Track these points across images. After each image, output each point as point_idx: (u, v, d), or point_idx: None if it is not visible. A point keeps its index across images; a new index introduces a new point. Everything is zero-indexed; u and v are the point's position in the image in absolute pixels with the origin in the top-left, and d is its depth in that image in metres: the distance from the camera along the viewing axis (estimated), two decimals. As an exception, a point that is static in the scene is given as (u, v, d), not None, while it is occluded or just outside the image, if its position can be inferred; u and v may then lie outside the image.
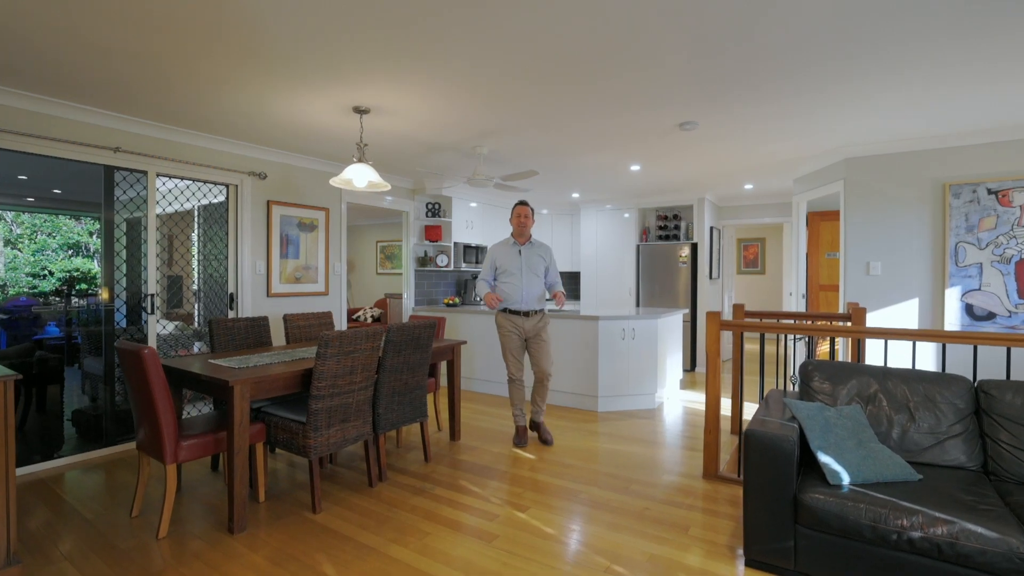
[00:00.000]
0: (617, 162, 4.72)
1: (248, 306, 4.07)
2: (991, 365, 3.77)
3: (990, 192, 3.89)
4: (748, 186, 5.93)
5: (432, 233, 5.81)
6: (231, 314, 3.99)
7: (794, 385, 3.67)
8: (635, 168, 4.98)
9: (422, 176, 5.42)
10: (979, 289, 3.94)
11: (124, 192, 3.37)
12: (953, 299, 4.02)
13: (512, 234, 3.72)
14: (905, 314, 4.19)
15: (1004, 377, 3.42)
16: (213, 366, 2.60)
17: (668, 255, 6.49)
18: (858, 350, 3.26)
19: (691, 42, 2.37)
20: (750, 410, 4.43)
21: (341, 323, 4.89)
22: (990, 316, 3.92)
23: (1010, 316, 3.85)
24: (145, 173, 3.44)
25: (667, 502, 2.74)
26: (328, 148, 4.20)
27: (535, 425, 3.73)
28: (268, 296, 4.25)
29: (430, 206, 5.82)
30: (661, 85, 2.88)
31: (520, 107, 3.24)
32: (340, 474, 3.11)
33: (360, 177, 3.18)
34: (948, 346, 4.00)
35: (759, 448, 2.13)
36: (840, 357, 4.49)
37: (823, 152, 4.42)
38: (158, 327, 3.61)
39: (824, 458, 2.15)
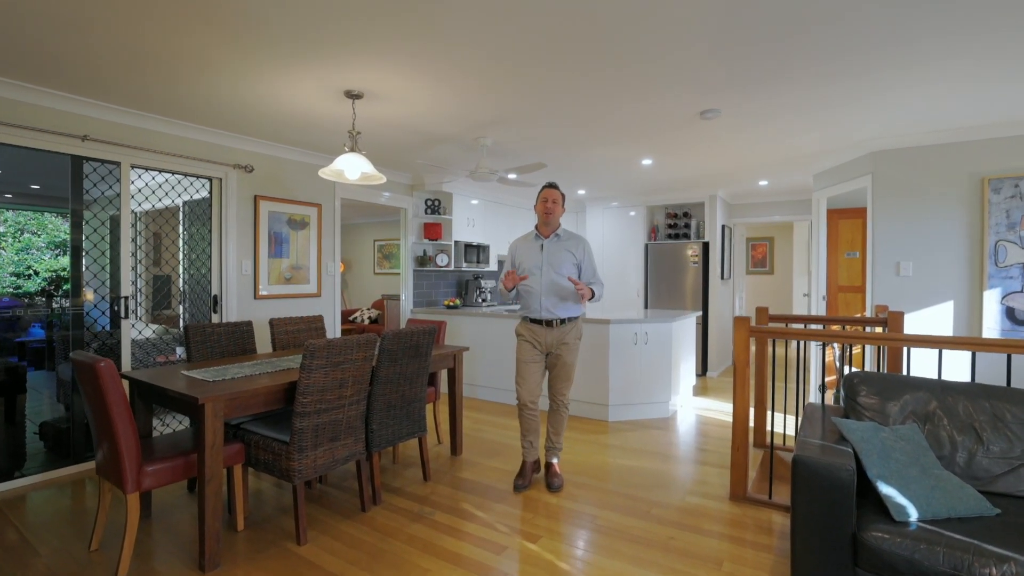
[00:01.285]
0: (630, 156, 4.43)
1: (233, 309, 3.77)
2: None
3: (1034, 187, 3.60)
4: (763, 182, 5.64)
5: (432, 231, 5.51)
6: (215, 318, 3.70)
7: (822, 394, 3.39)
8: (647, 162, 4.69)
9: (421, 171, 5.13)
10: (1021, 291, 3.66)
11: (95, 185, 3.07)
12: (992, 302, 3.74)
13: (536, 225, 3.06)
14: (939, 318, 3.90)
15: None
16: (185, 379, 2.31)
17: (678, 255, 6.20)
18: (907, 360, 2.97)
19: (720, 19, 2.09)
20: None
21: (334, 327, 4.60)
22: (1032, 320, 3.64)
23: (1055, 321, 3.57)
24: (118, 164, 3.14)
25: (694, 529, 2.46)
26: (319, 139, 3.90)
27: (545, 464, 3.05)
28: (255, 298, 3.95)
29: (429, 203, 5.53)
30: (685, 68, 2.59)
31: (528, 94, 2.96)
32: (330, 496, 2.82)
33: (352, 168, 2.89)
34: (984, 353, 3.72)
35: (810, 477, 1.85)
36: (867, 366, 4.21)
37: (849, 145, 4.13)
38: (133, 332, 3.32)
39: (886, 489, 1.86)
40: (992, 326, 3.75)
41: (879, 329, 3.53)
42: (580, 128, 3.64)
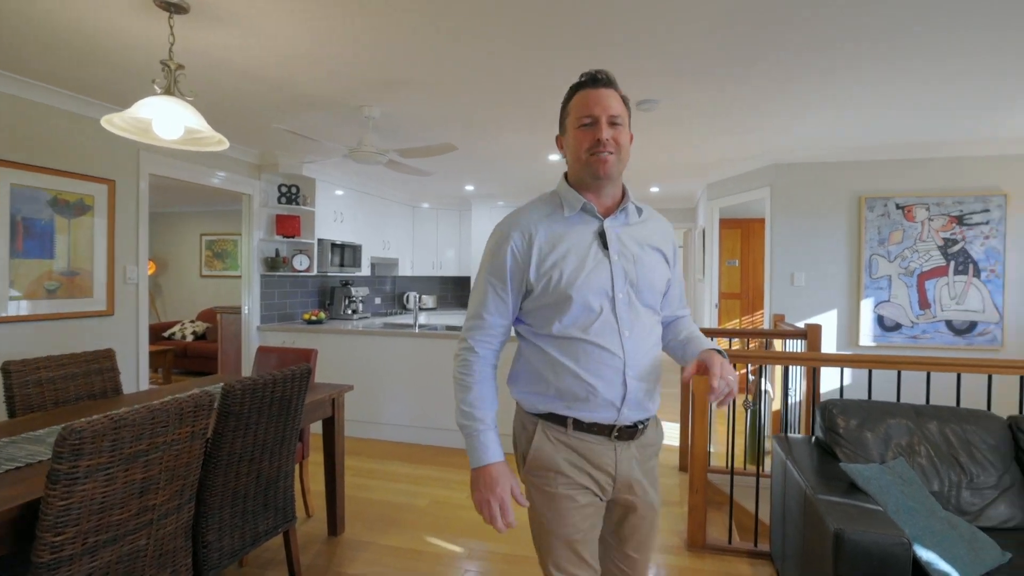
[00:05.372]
0: (539, 146, 3.88)
1: (-65, 343, 2.25)
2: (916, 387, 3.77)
3: (898, 207, 3.96)
4: (655, 188, 5.61)
5: (287, 226, 4.31)
6: None
7: (747, 410, 3.22)
8: (554, 158, 4.20)
9: (275, 146, 3.91)
10: (888, 300, 4.00)
11: None
12: (867, 310, 4.04)
13: (570, 182, 1.16)
14: (826, 326, 4.10)
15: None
16: None
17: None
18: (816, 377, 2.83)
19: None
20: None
21: (136, 366, 3.18)
22: (897, 327, 4.00)
23: (912, 326, 3.95)
24: None
25: (670, 610, 1.94)
26: (113, 78, 2.57)
27: None
28: (-15, 323, 2.45)
29: (285, 190, 4.32)
30: (642, 47, 2.12)
31: (432, 54, 2.22)
32: (124, 661, 1.68)
33: (168, 119, 1.78)
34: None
35: (860, 558, 1.43)
36: (776, 380, 4.27)
37: (754, 154, 4.15)
38: None
39: (927, 555, 1.53)
40: (867, 332, 4.04)
41: (791, 342, 3.49)
42: (491, 106, 2.96)
